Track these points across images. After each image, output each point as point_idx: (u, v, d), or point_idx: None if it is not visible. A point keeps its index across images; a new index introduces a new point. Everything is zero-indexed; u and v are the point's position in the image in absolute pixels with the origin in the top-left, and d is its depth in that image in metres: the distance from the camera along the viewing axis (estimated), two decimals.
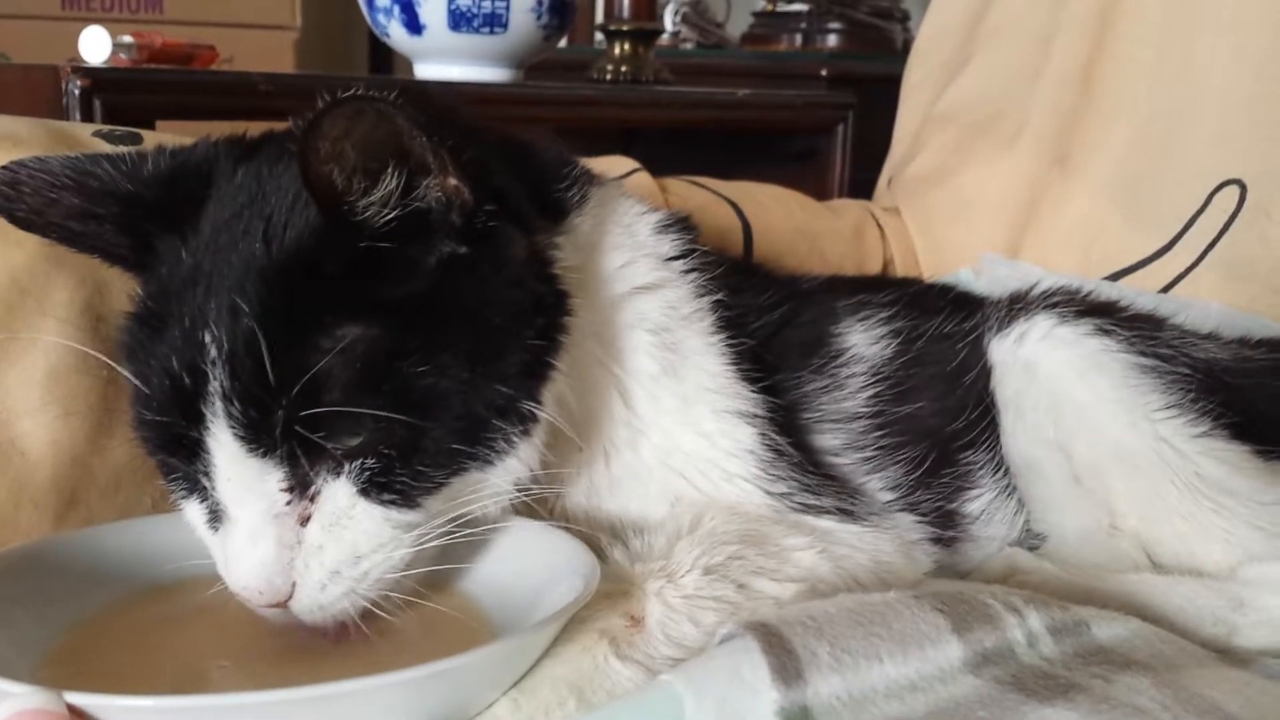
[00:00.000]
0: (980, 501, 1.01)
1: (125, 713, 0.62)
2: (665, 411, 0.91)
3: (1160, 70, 1.36)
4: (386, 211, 0.71)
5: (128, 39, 1.55)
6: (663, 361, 0.91)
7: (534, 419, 0.78)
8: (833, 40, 2.87)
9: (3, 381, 0.92)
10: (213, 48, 1.74)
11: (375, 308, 0.71)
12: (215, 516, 0.76)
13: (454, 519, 0.77)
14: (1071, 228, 1.43)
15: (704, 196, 1.44)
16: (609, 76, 2.06)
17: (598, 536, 0.87)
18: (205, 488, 0.75)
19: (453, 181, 0.73)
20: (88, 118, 1.28)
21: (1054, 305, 1.01)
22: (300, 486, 0.73)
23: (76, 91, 1.29)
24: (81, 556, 0.84)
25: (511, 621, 0.78)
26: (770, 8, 3.05)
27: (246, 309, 0.69)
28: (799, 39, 2.91)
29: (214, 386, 0.70)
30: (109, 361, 0.76)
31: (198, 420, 0.71)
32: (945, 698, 0.68)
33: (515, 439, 0.77)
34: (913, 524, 0.95)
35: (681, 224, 0.98)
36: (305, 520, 0.73)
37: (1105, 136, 1.41)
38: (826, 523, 0.89)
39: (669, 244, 0.95)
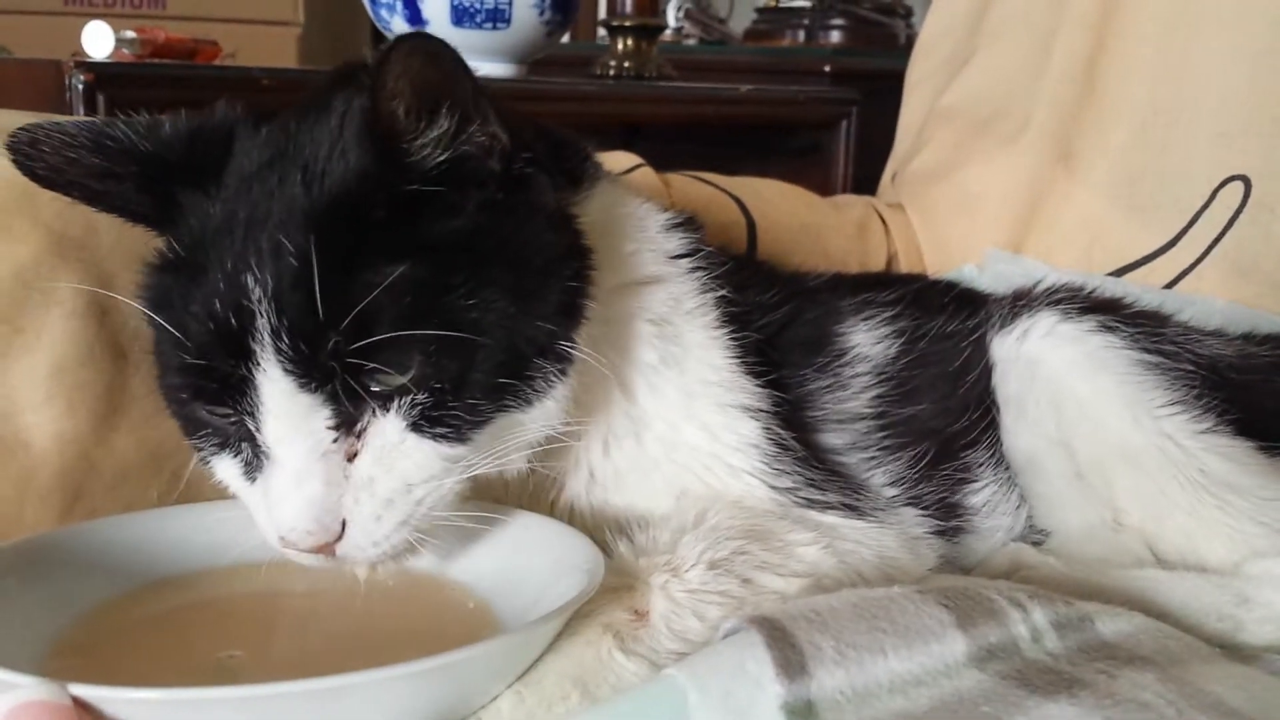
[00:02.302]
0: (983, 494, 1.01)
1: (130, 705, 0.63)
2: (667, 403, 0.91)
3: (1164, 65, 1.36)
4: (437, 153, 0.73)
5: (131, 34, 1.55)
6: (662, 352, 0.91)
7: (569, 359, 0.80)
8: (835, 36, 2.87)
9: (7, 376, 0.92)
10: (215, 43, 1.74)
11: (420, 246, 0.73)
12: (251, 467, 0.76)
13: (496, 457, 0.79)
14: (1075, 224, 1.42)
15: (708, 192, 1.44)
16: (612, 72, 2.06)
17: (602, 531, 0.87)
18: (240, 440, 0.75)
19: (493, 128, 0.75)
20: (91, 112, 1.28)
21: (1057, 302, 1.01)
22: (346, 424, 0.73)
23: (80, 86, 1.29)
24: (87, 550, 0.84)
25: (516, 615, 0.79)
26: (773, 4, 3.05)
27: (292, 249, 0.70)
28: (802, 35, 2.92)
29: (262, 324, 0.70)
30: (142, 309, 0.76)
31: (246, 357, 0.71)
32: (949, 692, 0.68)
33: (553, 379, 0.79)
34: (916, 518, 0.95)
35: (688, 223, 0.99)
36: (351, 458, 0.74)
37: (1108, 132, 1.40)
38: (831, 518, 0.89)
39: (675, 241, 0.96)
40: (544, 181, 0.81)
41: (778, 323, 1.00)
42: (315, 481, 0.73)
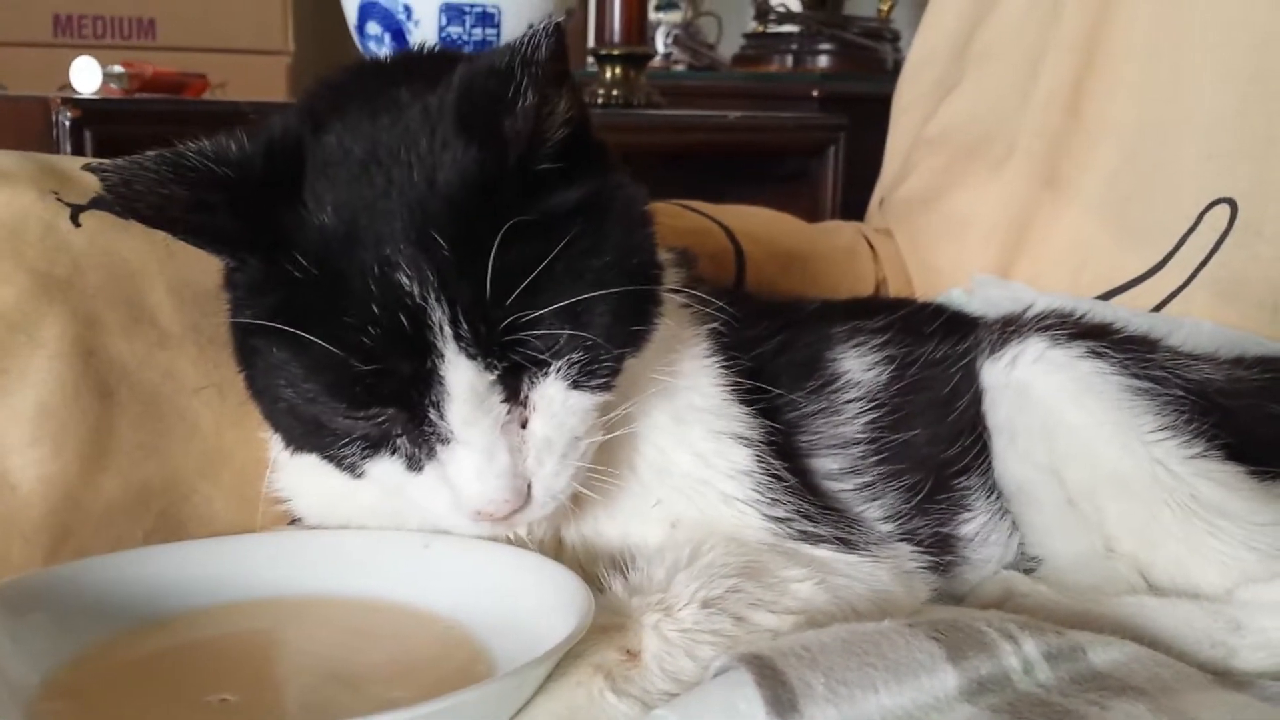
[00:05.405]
0: (975, 524, 1.01)
1: None
2: (656, 428, 0.91)
3: (1149, 89, 1.36)
4: (559, 130, 0.78)
5: (118, 69, 1.55)
6: None
7: (663, 302, 0.86)
8: (824, 61, 2.88)
9: None
10: (204, 76, 1.74)
11: (555, 216, 0.77)
12: (414, 460, 0.79)
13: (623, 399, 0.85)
14: (1063, 248, 1.43)
15: (695, 220, 1.44)
16: (600, 100, 2.06)
17: (596, 566, 0.87)
18: (395, 436, 0.79)
19: (579, 104, 0.81)
20: (79, 150, 1.28)
21: (1047, 328, 1.01)
22: (512, 395, 0.78)
23: (67, 123, 1.28)
24: (76, 591, 0.83)
25: (508, 654, 0.78)
26: (761, 29, 3.06)
27: (442, 242, 0.73)
28: (790, 60, 2.93)
29: (438, 317, 0.73)
30: (292, 331, 0.75)
31: (427, 351, 0.74)
32: None
33: (655, 321, 0.85)
34: (911, 554, 0.95)
35: (682, 259, 0.99)
36: (522, 424, 0.79)
37: (1095, 156, 1.41)
38: (824, 552, 0.89)
39: (670, 276, 0.96)
40: (612, 152, 0.87)
41: (770, 352, 1.01)
42: (503, 454, 0.77)
